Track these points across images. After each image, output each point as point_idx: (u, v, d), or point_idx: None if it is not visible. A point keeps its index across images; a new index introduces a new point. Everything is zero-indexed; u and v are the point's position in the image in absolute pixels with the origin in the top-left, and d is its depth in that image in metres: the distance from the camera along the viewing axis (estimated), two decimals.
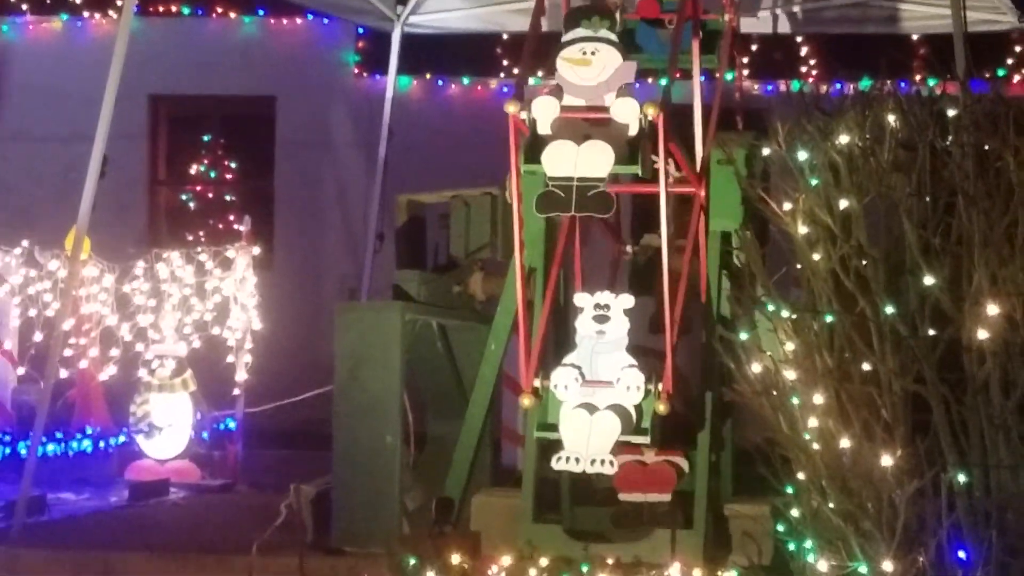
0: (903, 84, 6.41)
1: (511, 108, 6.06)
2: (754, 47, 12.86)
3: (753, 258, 6.63)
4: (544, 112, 6.03)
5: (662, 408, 6.24)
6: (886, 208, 6.14)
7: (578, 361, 6.28)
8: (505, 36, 13.17)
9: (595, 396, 6.25)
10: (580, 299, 6.36)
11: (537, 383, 6.33)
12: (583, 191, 5.96)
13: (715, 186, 7.24)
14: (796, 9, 11.37)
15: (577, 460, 6.20)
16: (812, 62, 13.74)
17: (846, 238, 6.11)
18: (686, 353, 7.33)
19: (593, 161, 5.98)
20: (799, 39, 13.47)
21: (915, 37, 12.44)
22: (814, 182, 6.17)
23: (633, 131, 5.99)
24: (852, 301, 6.13)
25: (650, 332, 6.91)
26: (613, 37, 6.21)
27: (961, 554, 5.90)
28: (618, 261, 8.18)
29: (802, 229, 6.19)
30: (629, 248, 8.13)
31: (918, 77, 7.48)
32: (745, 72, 11.17)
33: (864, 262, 6.11)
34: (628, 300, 6.30)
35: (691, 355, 7.46)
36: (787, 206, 6.24)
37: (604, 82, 6.10)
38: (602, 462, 6.20)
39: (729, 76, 8.27)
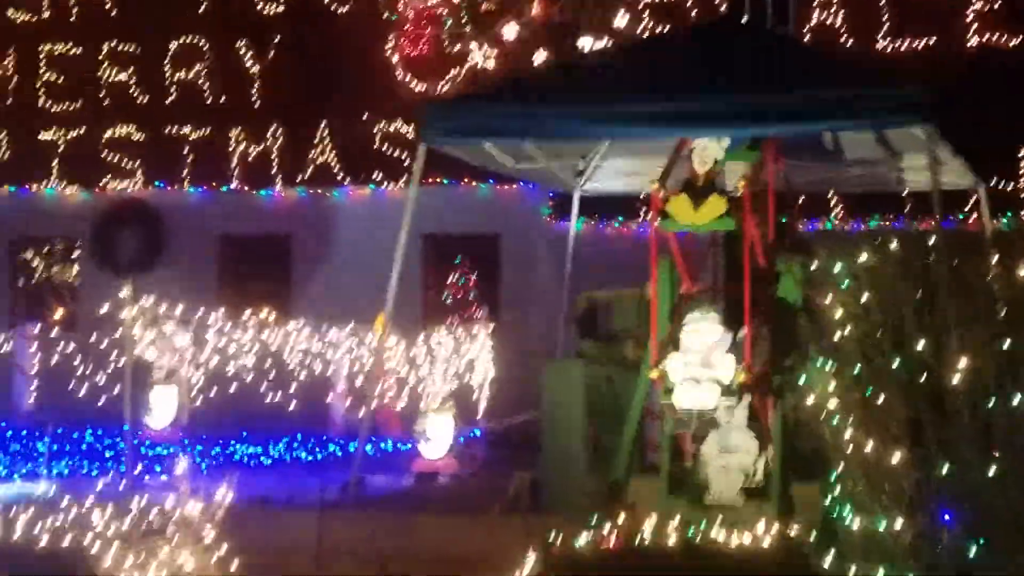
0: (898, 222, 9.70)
1: None
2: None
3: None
4: None
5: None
6: (892, 299, 8.59)
7: None
8: (642, 196, 16.88)
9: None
10: None
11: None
12: None
13: (782, 285, 10.54)
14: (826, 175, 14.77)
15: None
16: (839, 208, 17.74)
17: (866, 319, 8.61)
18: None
19: None
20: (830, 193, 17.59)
21: (905, 192, 15.57)
22: (844, 284, 8.75)
23: None
24: (871, 358, 8.60)
25: None
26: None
27: (947, 517, 8.25)
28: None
29: (837, 313, 8.76)
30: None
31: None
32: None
33: (879, 334, 8.53)
34: None
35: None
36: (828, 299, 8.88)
37: None
38: None
39: None
